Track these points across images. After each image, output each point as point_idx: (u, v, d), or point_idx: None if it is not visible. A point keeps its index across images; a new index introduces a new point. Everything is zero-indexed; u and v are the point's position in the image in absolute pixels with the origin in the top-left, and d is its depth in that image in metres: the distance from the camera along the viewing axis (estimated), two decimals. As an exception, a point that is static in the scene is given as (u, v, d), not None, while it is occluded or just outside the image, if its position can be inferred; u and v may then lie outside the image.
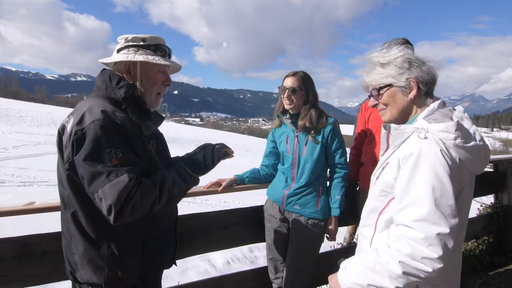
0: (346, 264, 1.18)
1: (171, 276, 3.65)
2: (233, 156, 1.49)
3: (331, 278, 1.21)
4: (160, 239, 1.41)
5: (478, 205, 3.94)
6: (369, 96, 1.29)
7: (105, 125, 1.14)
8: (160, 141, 1.44)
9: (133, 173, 1.14)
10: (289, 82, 2.03)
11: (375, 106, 1.27)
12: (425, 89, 1.18)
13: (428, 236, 0.98)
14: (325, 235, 2.13)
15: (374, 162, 2.23)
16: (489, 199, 3.88)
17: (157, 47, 1.36)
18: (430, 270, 0.98)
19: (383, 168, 1.19)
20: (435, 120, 1.09)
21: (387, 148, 1.25)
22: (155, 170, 1.30)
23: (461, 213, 1.07)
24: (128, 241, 1.29)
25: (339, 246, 3.02)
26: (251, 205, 2.38)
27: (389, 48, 1.25)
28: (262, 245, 4.92)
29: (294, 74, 2.04)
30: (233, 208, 2.43)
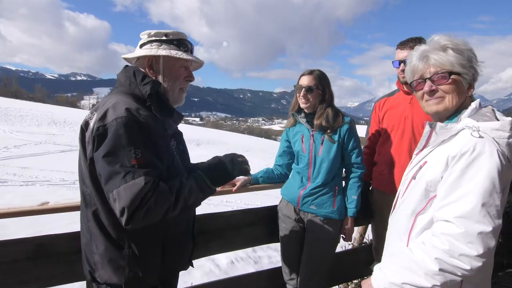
0: (380, 266, 1.16)
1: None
2: (250, 175, 1.43)
3: (364, 283, 1.19)
4: (179, 239, 1.39)
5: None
6: (423, 80, 1.17)
7: (128, 123, 1.12)
8: (180, 140, 1.42)
9: (151, 176, 1.11)
10: (305, 81, 2.00)
11: (432, 92, 1.17)
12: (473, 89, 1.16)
13: (469, 233, 0.96)
14: (341, 235, 2.11)
15: (389, 161, 2.20)
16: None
17: (180, 42, 1.33)
18: (468, 267, 0.96)
19: (420, 167, 1.16)
20: (484, 119, 1.07)
21: (423, 147, 1.20)
22: (177, 168, 1.28)
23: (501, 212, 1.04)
24: (149, 241, 1.26)
25: (350, 247, 3.00)
26: (254, 206, 2.35)
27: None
28: (266, 245, 4.90)
29: (311, 72, 2.02)
30: (247, 208, 2.41)
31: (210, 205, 7.43)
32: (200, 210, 1.82)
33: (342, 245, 2.97)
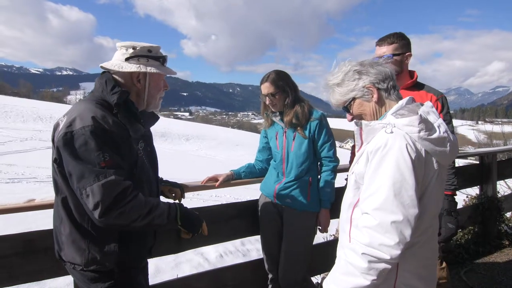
0: (326, 280, 1.21)
1: (164, 270, 3.70)
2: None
3: None
4: (136, 232, 1.46)
5: (464, 197, 4.05)
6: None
7: (94, 131, 1.25)
8: (148, 142, 1.55)
9: (119, 175, 1.25)
10: (265, 89, 2.08)
11: (353, 119, 1.32)
12: (384, 87, 1.23)
13: (382, 223, 1.03)
14: (318, 227, 2.19)
15: None
16: (474, 191, 4.00)
17: (163, 58, 1.47)
18: (388, 257, 1.02)
19: (357, 162, 1.23)
20: (402, 115, 1.14)
21: (361, 144, 1.28)
22: (141, 168, 1.42)
23: (430, 203, 1.12)
24: (106, 229, 1.35)
25: (332, 238, 3.10)
26: (245, 199, 2.43)
27: (336, 67, 1.31)
28: (254, 238, 4.99)
29: (266, 79, 2.07)
30: (231, 202, 2.49)
31: (199, 200, 7.49)
32: (188, 204, 1.89)
33: (324, 237, 3.07)
